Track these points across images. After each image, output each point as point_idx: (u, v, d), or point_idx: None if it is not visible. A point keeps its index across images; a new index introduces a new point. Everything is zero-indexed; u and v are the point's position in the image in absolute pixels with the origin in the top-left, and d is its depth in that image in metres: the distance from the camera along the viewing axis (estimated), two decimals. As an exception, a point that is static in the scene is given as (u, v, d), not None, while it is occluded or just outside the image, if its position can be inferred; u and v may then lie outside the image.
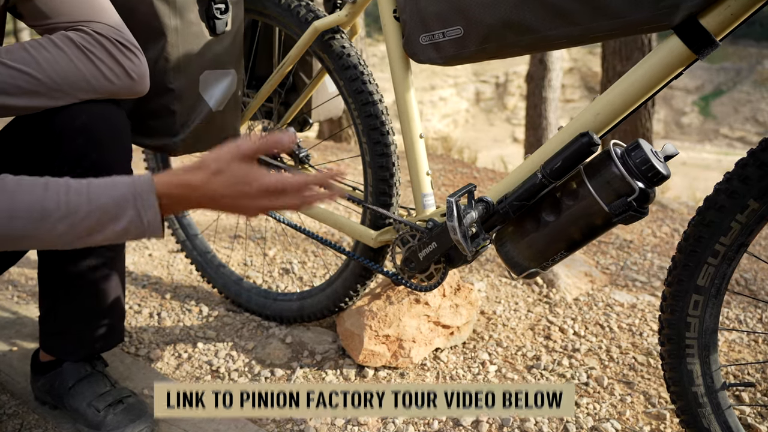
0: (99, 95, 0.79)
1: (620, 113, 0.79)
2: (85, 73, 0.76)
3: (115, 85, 0.80)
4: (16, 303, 1.46)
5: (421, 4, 0.89)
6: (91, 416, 0.95)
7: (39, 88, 0.73)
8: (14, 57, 0.72)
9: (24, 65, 0.72)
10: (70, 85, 0.75)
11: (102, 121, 0.80)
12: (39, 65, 0.73)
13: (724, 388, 0.82)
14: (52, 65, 0.73)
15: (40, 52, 0.73)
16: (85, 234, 0.63)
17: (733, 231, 0.73)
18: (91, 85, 0.77)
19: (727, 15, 0.69)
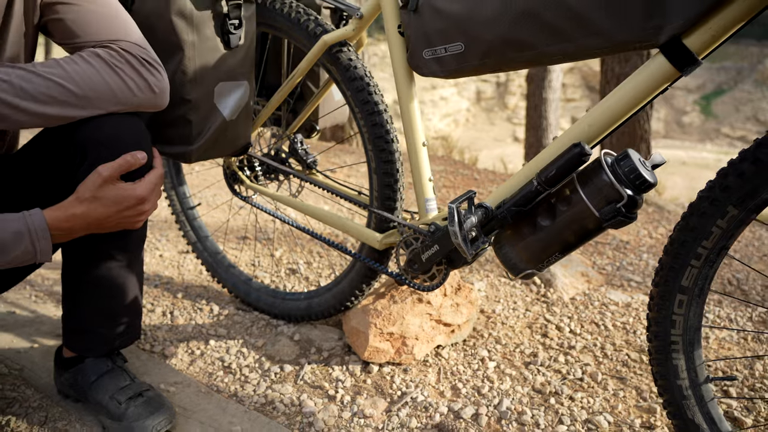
0: (123, 108, 0.85)
1: (611, 125, 0.85)
2: (112, 87, 0.82)
3: (139, 99, 0.85)
4: (34, 302, 1.52)
5: (425, 21, 0.94)
6: (113, 408, 1.00)
7: (70, 99, 0.79)
8: (49, 70, 0.77)
9: (58, 77, 0.77)
10: (98, 97, 0.81)
11: (125, 132, 0.86)
12: (71, 78, 0.78)
13: (707, 381, 0.88)
14: (83, 78, 0.79)
15: (73, 66, 0.79)
16: None
17: (714, 235, 0.79)
18: (117, 98, 0.83)
19: (708, 36, 0.74)
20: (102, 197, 0.81)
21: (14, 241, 0.77)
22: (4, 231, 0.76)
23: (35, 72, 0.76)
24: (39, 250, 0.79)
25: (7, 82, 0.74)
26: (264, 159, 1.31)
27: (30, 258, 0.79)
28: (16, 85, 0.75)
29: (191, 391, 1.16)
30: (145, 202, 0.85)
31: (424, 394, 1.18)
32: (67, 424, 1.06)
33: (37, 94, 0.76)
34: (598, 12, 0.79)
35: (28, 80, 0.75)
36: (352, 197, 1.24)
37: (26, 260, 0.79)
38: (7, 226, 0.76)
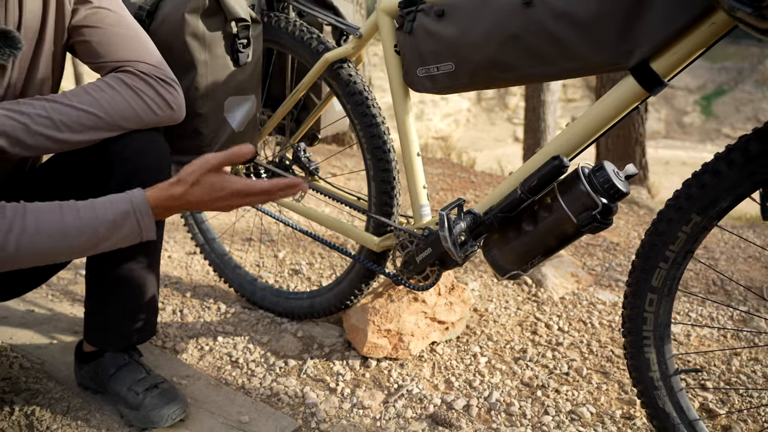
0: (146, 125, 0.93)
1: (587, 139, 0.93)
2: (136, 109, 0.90)
3: (159, 117, 0.94)
4: (51, 301, 1.60)
5: (419, 42, 1.03)
6: (131, 399, 1.09)
7: (100, 124, 0.87)
8: (80, 99, 0.85)
9: (88, 106, 0.86)
10: (124, 119, 0.89)
11: (149, 148, 0.94)
12: (100, 105, 0.87)
13: (676, 373, 0.96)
14: (110, 104, 0.87)
15: (100, 93, 0.87)
16: (96, 245, 0.80)
17: (680, 240, 0.87)
18: (141, 118, 0.91)
19: (673, 60, 0.82)
20: (203, 183, 0.82)
21: (123, 219, 0.81)
22: (115, 209, 0.80)
23: (69, 104, 0.84)
24: (144, 227, 0.82)
25: (47, 117, 0.82)
26: (269, 166, 1.39)
27: (136, 236, 0.82)
28: (56, 119, 0.83)
29: (201, 384, 1.25)
30: (237, 197, 0.85)
31: (419, 387, 1.26)
32: (87, 413, 1.14)
33: (72, 124, 0.84)
34: (577, 39, 0.87)
35: (65, 113, 0.83)
36: (351, 203, 1.32)
37: (133, 238, 0.82)
38: (115, 206, 0.80)
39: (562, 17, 0.87)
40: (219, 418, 1.13)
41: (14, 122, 0.81)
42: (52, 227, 0.77)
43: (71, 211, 0.79)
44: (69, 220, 0.78)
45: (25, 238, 0.75)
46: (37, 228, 0.76)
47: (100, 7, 0.91)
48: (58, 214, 0.78)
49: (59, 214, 0.78)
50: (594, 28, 0.85)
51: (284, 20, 1.24)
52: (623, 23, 0.82)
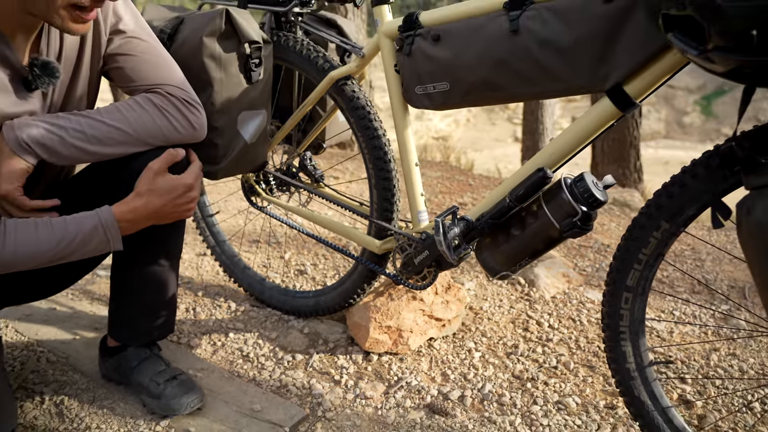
0: (170, 143, 1.03)
1: (568, 153, 1.03)
2: (161, 128, 1.00)
3: (183, 135, 1.03)
4: (71, 299, 1.70)
5: (417, 64, 1.12)
6: (153, 388, 1.18)
7: (128, 140, 0.97)
8: (112, 116, 0.95)
9: (118, 123, 0.95)
10: (150, 136, 0.99)
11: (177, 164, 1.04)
12: (129, 123, 0.96)
13: (650, 365, 1.06)
14: (139, 122, 0.97)
15: (130, 112, 0.97)
16: (66, 256, 0.92)
17: (652, 244, 0.97)
18: (165, 136, 1.01)
19: (643, 84, 0.92)
20: (156, 188, 0.95)
21: (92, 234, 0.93)
22: (84, 226, 0.92)
23: (101, 120, 0.94)
24: (111, 239, 0.94)
25: (81, 132, 0.92)
26: (277, 174, 1.49)
27: (105, 247, 0.95)
28: (89, 134, 0.93)
29: (215, 376, 1.34)
30: (192, 189, 0.99)
31: (418, 379, 1.36)
32: (112, 402, 1.24)
33: (103, 138, 0.94)
34: (559, 64, 0.96)
35: (97, 128, 0.93)
36: (354, 208, 1.42)
37: (103, 249, 0.95)
38: (85, 222, 0.92)
39: (545, 44, 0.96)
40: (233, 406, 1.23)
41: (52, 135, 0.90)
42: (28, 243, 0.89)
43: (46, 228, 0.91)
44: (43, 237, 0.90)
45: (7, 253, 0.88)
46: (15, 244, 0.88)
47: (133, 37, 1.00)
48: (33, 231, 0.90)
49: (34, 232, 0.90)
50: (574, 55, 0.94)
51: (292, 39, 1.34)
52: (599, 51, 0.92)
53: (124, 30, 1.00)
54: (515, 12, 0.98)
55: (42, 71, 0.92)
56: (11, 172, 0.89)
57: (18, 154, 0.89)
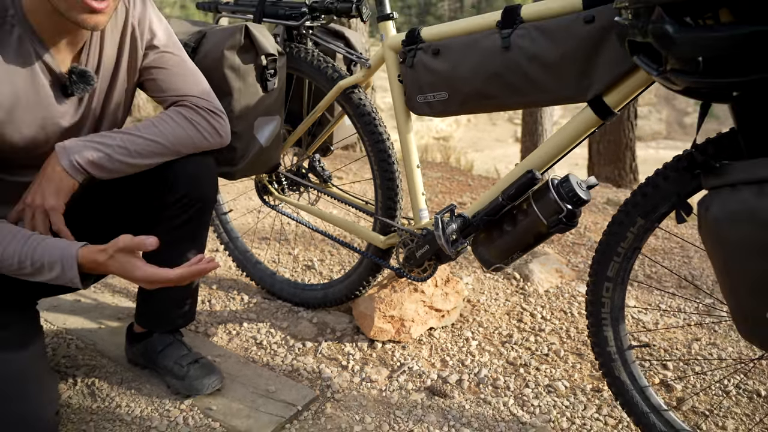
0: (199, 150, 1.14)
1: (555, 157, 1.14)
2: (192, 137, 1.11)
3: (210, 143, 1.14)
4: (94, 292, 1.81)
5: (419, 75, 1.23)
6: (177, 370, 1.30)
7: (164, 151, 1.08)
8: (149, 131, 1.06)
9: (155, 136, 1.06)
10: (182, 146, 1.10)
11: (202, 169, 1.15)
12: (164, 136, 1.07)
13: (629, 348, 1.17)
14: (172, 134, 1.08)
15: (164, 125, 1.08)
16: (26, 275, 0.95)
17: (629, 238, 1.08)
18: (195, 144, 1.12)
19: (621, 96, 1.03)
20: (117, 259, 0.94)
21: (51, 266, 0.93)
22: (49, 256, 0.93)
23: (140, 136, 1.05)
24: (69, 278, 0.94)
25: (124, 148, 1.03)
26: (289, 175, 1.60)
27: (63, 281, 0.94)
28: (131, 149, 1.04)
29: (232, 362, 1.46)
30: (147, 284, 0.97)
31: (419, 365, 1.47)
32: (139, 384, 1.35)
33: (143, 152, 1.05)
34: (545, 77, 1.08)
35: (137, 143, 1.04)
36: (360, 206, 1.53)
37: (62, 282, 0.95)
38: (51, 253, 0.93)
39: (534, 59, 1.07)
40: (249, 388, 1.35)
41: (100, 153, 1.01)
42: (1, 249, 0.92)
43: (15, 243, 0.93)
44: (10, 250, 0.93)
45: None
46: None
47: (165, 51, 1.12)
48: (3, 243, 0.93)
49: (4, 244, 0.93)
50: (559, 69, 1.06)
51: (303, 51, 1.45)
52: (582, 66, 1.03)
53: (157, 45, 1.11)
54: (507, 30, 1.09)
55: (79, 79, 1.02)
56: (60, 189, 0.99)
57: (69, 172, 0.99)
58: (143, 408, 1.28)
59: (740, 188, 0.80)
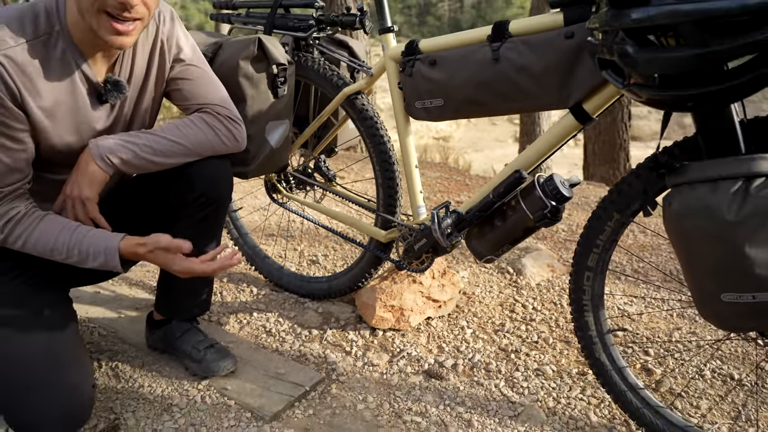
0: (217, 153, 1.25)
1: (540, 158, 1.25)
2: (211, 141, 1.22)
3: (228, 147, 1.26)
4: (113, 285, 1.93)
5: (417, 83, 1.35)
6: (195, 354, 1.41)
7: (185, 152, 1.19)
8: (172, 134, 1.17)
9: (178, 138, 1.18)
10: (202, 149, 1.21)
11: (218, 170, 1.26)
12: (187, 138, 1.19)
13: (608, 332, 1.28)
14: (194, 137, 1.19)
15: (186, 129, 1.19)
16: (74, 263, 1.08)
17: (606, 231, 1.19)
18: (214, 148, 1.23)
19: (598, 103, 1.14)
20: (156, 254, 1.09)
21: (96, 255, 1.07)
22: (95, 246, 1.06)
23: (165, 137, 1.16)
24: (110, 265, 1.08)
25: (149, 147, 1.14)
26: (296, 174, 1.72)
27: (107, 267, 1.08)
28: (155, 148, 1.15)
29: (244, 347, 1.57)
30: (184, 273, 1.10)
31: (417, 351, 1.59)
32: (159, 367, 1.47)
33: (166, 152, 1.16)
34: (531, 86, 1.19)
35: (162, 144, 1.15)
36: (363, 203, 1.65)
37: (105, 267, 1.09)
38: (96, 244, 1.07)
39: (521, 70, 1.19)
40: (261, 371, 1.46)
41: (128, 151, 1.13)
42: (46, 241, 1.07)
43: (64, 234, 1.08)
44: (60, 241, 1.07)
45: (29, 244, 1.07)
46: (37, 240, 1.07)
47: (190, 64, 1.23)
48: (54, 234, 1.07)
49: (55, 235, 1.07)
50: (543, 79, 1.17)
51: (310, 59, 1.57)
52: (563, 76, 1.15)
53: (183, 59, 1.22)
54: (497, 43, 1.20)
55: (113, 87, 1.14)
56: (93, 180, 1.11)
57: (101, 166, 1.11)
58: (164, 388, 1.39)
59: (697, 186, 0.91)
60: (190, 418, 1.30)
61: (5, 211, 1.07)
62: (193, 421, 1.29)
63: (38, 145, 1.09)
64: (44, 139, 1.08)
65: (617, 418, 1.35)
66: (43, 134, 1.08)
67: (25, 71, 1.01)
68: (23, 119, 1.04)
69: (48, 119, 1.06)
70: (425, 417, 1.34)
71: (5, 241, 1.08)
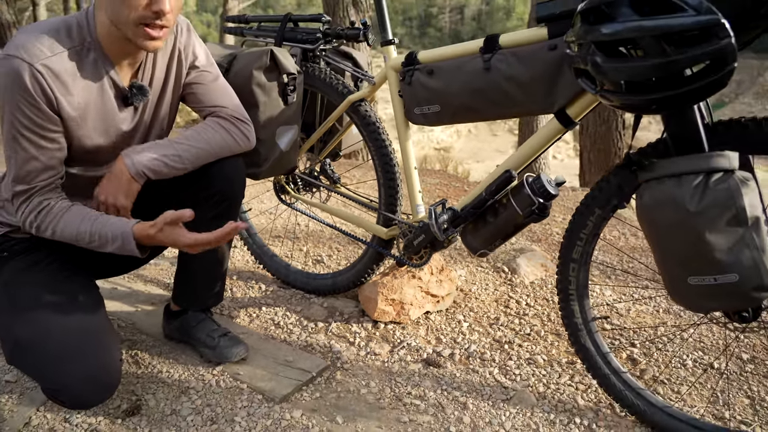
0: (233, 153, 1.36)
1: (528, 159, 1.37)
2: (228, 143, 1.34)
3: (241, 147, 1.37)
4: (128, 281, 2.04)
5: (416, 91, 1.47)
6: (209, 342, 1.52)
7: (207, 155, 1.30)
8: (195, 140, 1.28)
9: (200, 143, 1.29)
10: (221, 150, 1.33)
11: (234, 170, 1.37)
12: (208, 142, 1.30)
13: (593, 320, 1.39)
14: (213, 140, 1.31)
15: (206, 134, 1.30)
16: (98, 247, 1.18)
17: (589, 226, 1.30)
18: (231, 149, 1.35)
19: (579, 108, 1.26)
20: (165, 231, 1.15)
21: (114, 239, 1.16)
22: (113, 231, 1.15)
23: (189, 144, 1.27)
24: (127, 248, 1.16)
25: (177, 155, 1.25)
26: (303, 176, 1.84)
27: (125, 251, 1.17)
28: (182, 156, 1.26)
29: (254, 338, 1.68)
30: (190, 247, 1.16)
31: (416, 342, 1.69)
32: (176, 354, 1.58)
33: (191, 158, 1.27)
34: (520, 93, 1.30)
35: (187, 151, 1.26)
36: (365, 203, 1.76)
37: (123, 251, 1.17)
38: (114, 229, 1.16)
39: (510, 79, 1.31)
40: (270, 359, 1.57)
41: (160, 163, 1.24)
42: (71, 229, 1.18)
43: (86, 222, 1.18)
44: (83, 229, 1.17)
45: (57, 232, 1.18)
46: (64, 228, 1.18)
47: (204, 70, 1.35)
48: (77, 223, 1.18)
49: (78, 223, 1.18)
50: (530, 87, 1.29)
51: (317, 69, 1.69)
52: (548, 85, 1.26)
53: (198, 66, 1.34)
54: (488, 55, 1.32)
55: (138, 91, 1.26)
56: (129, 191, 1.22)
57: (136, 179, 1.22)
58: (181, 373, 1.50)
59: (664, 180, 1.03)
60: (206, 399, 1.40)
61: (38, 203, 1.18)
62: (209, 402, 1.39)
63: (70, 146, 1.21)
64: (76, 139, 1.20)
65: (602, 402, 1.45)
66: (75, 135, 1.19)
67: (61, 78, 1.13)
68: (57, 122, 1.15)
69: (80, 121, 1.18)
70: (424, 400, 1.44)
71: (38, 229, 1.19)
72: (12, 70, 1.08)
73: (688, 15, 0.83)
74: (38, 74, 1.09)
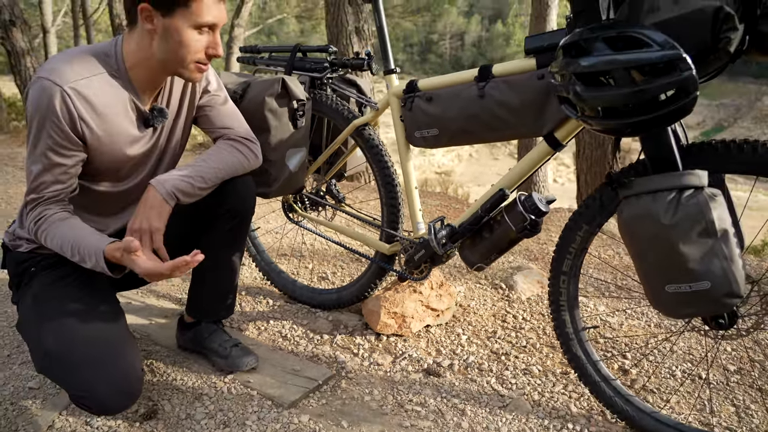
0: (245, 171, 1.47)
1: (520, 179, 1.47)
2: (241, 162, 1.45)
3: (251, 165, 1.48)
4: (141, 296, 2.13)
5: (416, 116, 1.58)
6: (221, 351, 1.60)
7: (225, 175, 1.40)
8: (213, 161, 1.38)
9: (219, 164, 1.39)
10: (235, 170, 1.43)
11: (246, 187, 1.48)
12: (225, 162, 1.41)
13: (583, 329, 1.47)
14: (229, 161, 1.42)
15: (222, 155, 1.41)
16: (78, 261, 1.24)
17: (577, 241, 1.40)
18: (243, 167, 1.46)
19: (566, 131, 1.37)
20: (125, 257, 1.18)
21: (89, 257, 1.21)
22: (86, 249, 1.20)
23: (210, 166, 1.37)
24: (99, 267, 1.20)
25: (201, 177, 1.35)
26: (310, 196, 1.94)
27: (98, 270, 1.21)
28: (205, 177, 1.35)
29: (263, 349, 1.76)
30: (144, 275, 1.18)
31: (417, 353, 1.77)
32: (189, 364, 1.66)
33: (212, 178, 1.37)
34: (512, 118, 1.42)
35: (209, 172, 1.36)
36: (369, 221, 1.86)
37: (97, 270, 1.21)
38: (89, 247, 1.20)
39: (502, 104, 1.42)
40: (279, 368, 1.65)
41: (186, 184, 1.33)
42: (58, 240, 1.24)
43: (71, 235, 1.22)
44: (66, 242, 1.23)
45: (48, 241, 1.26)
46: (53, 237, 1.25)
47: (214, 94, 1.47)
48: (65, 235, 1.23)
49: (65, 236, 1.22)
50: (521, 112, 1.40)
51: (324, 96, 1.82)
52: (537, 110, 1.38)
53: (210, 90, 1.46)
54: (482, 83, 1.44)
55: (158, 114, 1.37)
56: (162, 213, 1.29)
57: (167, 200, 1.30)
58: (194, 381, 1.58)
59: (642, 196, 1.13)
60: (219, 404, 1.48)
61: (40, 212, 1.28)
62: (222, 407, 1.47)
63: (92, 162, 1.31)
64: (97, 156, 1.30)
65: (594, 409, 1.53)
66: (97, 153, 1.29)
67: (88, 100, 1.23)
68: (77, 143, 1.25)
69: (103, 140, 1.28)
70: (424, 407, 1.52)
71: (36, 236, 1.29)
72: (43, 90, 1.19)
73: (654, 50, 0.94)
74: (66, 96, 1.19)
